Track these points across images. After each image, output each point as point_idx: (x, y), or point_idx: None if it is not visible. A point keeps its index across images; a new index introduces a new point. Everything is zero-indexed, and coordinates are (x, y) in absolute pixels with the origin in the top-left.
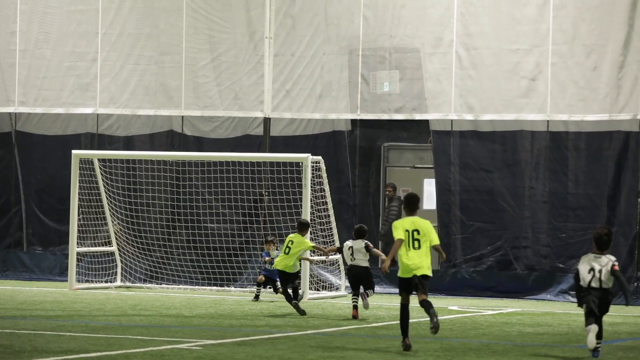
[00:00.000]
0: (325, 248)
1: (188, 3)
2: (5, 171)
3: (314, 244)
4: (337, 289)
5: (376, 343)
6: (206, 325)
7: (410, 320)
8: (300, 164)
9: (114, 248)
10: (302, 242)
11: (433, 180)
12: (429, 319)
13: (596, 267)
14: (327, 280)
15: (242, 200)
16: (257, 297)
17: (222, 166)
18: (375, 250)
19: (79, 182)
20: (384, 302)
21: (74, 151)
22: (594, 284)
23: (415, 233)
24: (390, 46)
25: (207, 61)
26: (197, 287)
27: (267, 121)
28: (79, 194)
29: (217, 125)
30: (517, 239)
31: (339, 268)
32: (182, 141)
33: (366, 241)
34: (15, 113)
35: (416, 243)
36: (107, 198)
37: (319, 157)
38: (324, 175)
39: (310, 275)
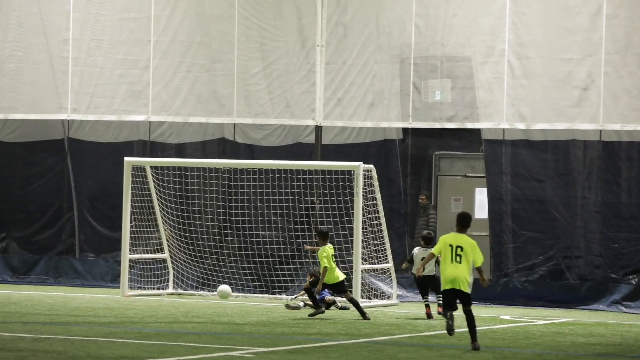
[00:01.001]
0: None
1: (240, 11)
2: (57, 178)
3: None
4: (389, 297)
5: (428, 352)
6: (258, 333)
7: (456, 330)
8: (352, 172)
9: (166, 255)
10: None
11: (484, 189)
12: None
13: None
14: (378, 289)
15: (293, 208)
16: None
17: (274, 174)
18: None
19: (131, 189)
20: (435, 311)
21: (126, 158)
22: None
23: (458, 249)
24: (442, 55)
25: (259, 69)
26: (248, 294)
27: (318, 129)
28: (131, 201)
29: (268, 133)
30: (569, 248)
31: (390, 277)
32: (233, 149)
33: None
34: (68, 120)
35: (458, 258)
36: (159, 205)
37: (371, 166)
38: (376, 183)
39: (362, 283)
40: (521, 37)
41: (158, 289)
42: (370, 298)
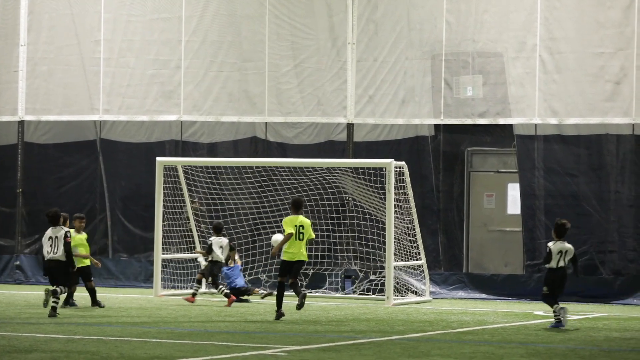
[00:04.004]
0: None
1: (270, 10)
2: (90, 179)
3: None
4: (422, 294)
5: (461, 349)
6: (291, 331)
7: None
8: (384, 169)
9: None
10: (309, 228)
11: (517, 185)
12: (297, 298)
13: None
14: (411, 286)
15: (325, 205)
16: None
17: (306, 172)
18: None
19: (164, 189)
20: (469, 307)
21: (158, 158)
22: None
23: (301, 228)
24: (473, 51)
25: (290, 67)
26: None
27: (350, 127)
28: (163, 201)
29: (300, 132)
30: (603, 243)
31: (423, 273)
32: (265, 147)
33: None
34: (100, 121)
35: (301, 236)
36: (191, 204)
37: (403, 163)
38: (408, 180)
39: (395, 280)
40: (553, 31)
41: (191, 288)
42: (403, 295)
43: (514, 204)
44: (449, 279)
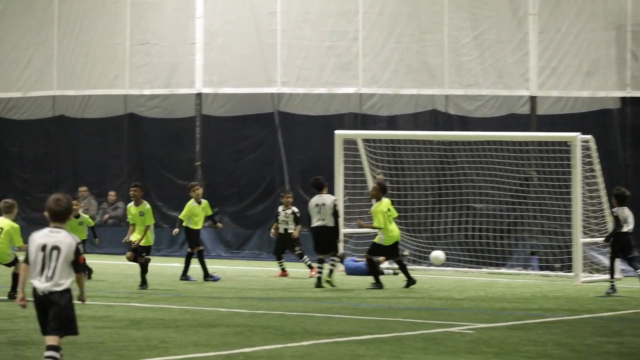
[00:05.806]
0: None
1: None
2: (268, 152)
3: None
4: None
5: None
6: (477, 308)
7: None
8: (568, 143)
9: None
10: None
11: None
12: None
13: None
14: (600, 263)
15: (509, 181)
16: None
17: (488, 145)
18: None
19: (343, 162)
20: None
21: (337, 132)
22: None
23: (388, 211)
24: None
25: (470, 39)
26: (466, 269)
27: (533, 100)
28: (343, 174)
29: (481, 104)
30: None
31: None
32: (446, 120)
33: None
34: (278, 93)
35: (390, 218)
36: (372, 178)
37: (589, 136)
38: (594, 155)
39: (584, 257)
40: None
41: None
42: (591, 272)
43: None
44: None
